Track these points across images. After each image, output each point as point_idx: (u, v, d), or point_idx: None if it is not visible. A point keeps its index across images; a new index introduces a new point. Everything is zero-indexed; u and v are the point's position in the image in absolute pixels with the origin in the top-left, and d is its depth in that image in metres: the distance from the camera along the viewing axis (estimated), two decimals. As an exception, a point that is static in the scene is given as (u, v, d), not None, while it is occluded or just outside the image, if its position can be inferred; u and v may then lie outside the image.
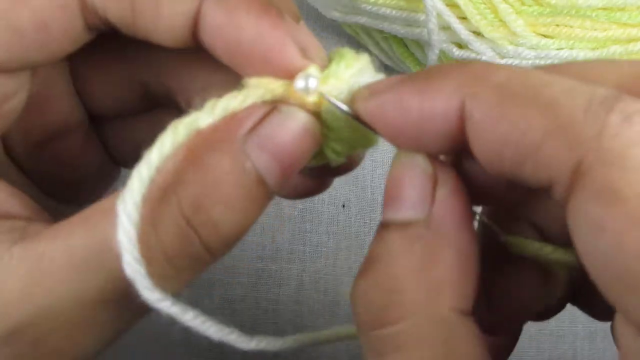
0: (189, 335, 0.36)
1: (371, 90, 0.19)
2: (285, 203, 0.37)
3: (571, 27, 0.33)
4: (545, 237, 0.21)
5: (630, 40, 0.33)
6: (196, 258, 0.18)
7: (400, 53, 0.36)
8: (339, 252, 0.37)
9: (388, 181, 0.19)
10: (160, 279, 0.17)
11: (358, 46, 0.39)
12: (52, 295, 0.18)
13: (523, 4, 0.33)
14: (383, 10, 0.33)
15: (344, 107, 0.19)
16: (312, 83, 0.19)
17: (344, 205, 0.38)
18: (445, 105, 0.17)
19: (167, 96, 0.23)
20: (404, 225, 0.19)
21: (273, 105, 0.19)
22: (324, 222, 0.37)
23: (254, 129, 0.18)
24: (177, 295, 0.19)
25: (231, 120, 0.18)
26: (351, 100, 0.19)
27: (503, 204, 0.22)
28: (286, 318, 0.36)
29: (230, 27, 0.19)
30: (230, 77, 0.20)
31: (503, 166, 0.17)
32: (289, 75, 0.19)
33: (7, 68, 0.20)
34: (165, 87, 0.23)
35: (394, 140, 0.19)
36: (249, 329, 0.37)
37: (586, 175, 0.15)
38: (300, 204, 0.37)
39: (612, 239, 0.14)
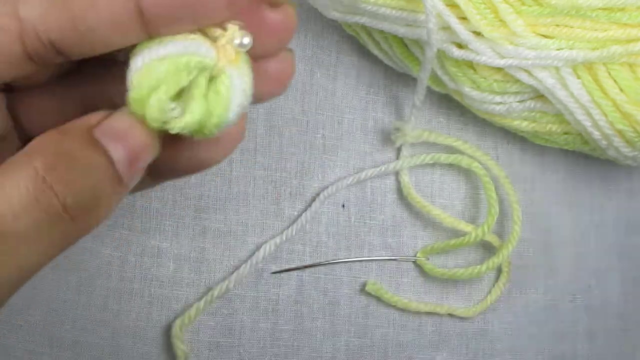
0: (191, 337, 0.36)
1: None
2: (285, 203, 0.37)
3: (571, 27, 0.33)
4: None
5: (630, 40, 0.33)
6: (54, 215, 0.20)
7: (400, 53, 0.36)
8: (339, 252, 0.37)
9: None
10: (19, 240, 0.20)
11: (358, 46, 0.39)
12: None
13: (523, 4, 0.33)
14: (383, 10, 0.33)
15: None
16: (246, 41, 0.21)
17: (343, 205, 0.38)
18: None
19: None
20: None
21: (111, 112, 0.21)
22: (323, 222, 0.37)
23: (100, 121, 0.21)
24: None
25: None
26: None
27: None
28: (286, 318, 0.36)
29: None
30: None
31: None
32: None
33: None
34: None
35: None
36: (249, 329, 0.37)
37: None
38: (300, 204, 0.37)
39: None
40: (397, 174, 0.39)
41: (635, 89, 0.33)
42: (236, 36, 0.21)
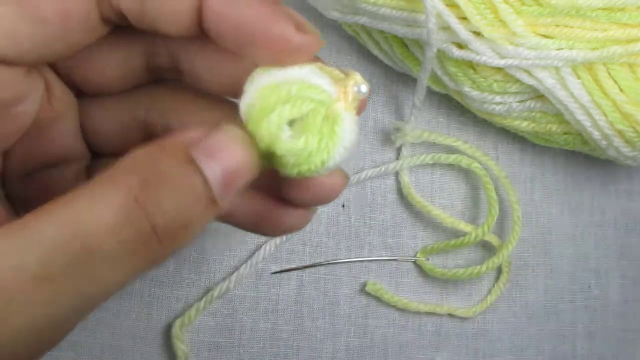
0: (191, 337, 0.36)
1: None
2: (285, 203, 0.37)
3: (571, 27, 0.33)
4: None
5: (630, 40, 0.33)
6: (143, 235, 0.19)
7: (400, 53, 0.36)
8: (339, 252, 0.37)
9: None
10: (105, 259, 0.18)
11: (358, 46, 0.39)
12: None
13: (523, 4, 0.33)
14: (383, 10, 0.33)
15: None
16: (364, 89, 0.21)
17: (343, 205, 0.38)
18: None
19: (171, 69, 0.25)
20: None
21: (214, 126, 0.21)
22: (323, 222, 0.37)
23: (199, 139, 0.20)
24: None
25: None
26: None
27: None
28: (286, 318, 0.36)
29: (231, 11, 0.21)
30: (237, 61, 0.24)
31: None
32: (287, 50, 0.21)
33: (29, 60, 0.21)
34: (171, 59, 0.25)
35: None
36: (249, 329, 0.37)
37: None
38: (300, 204, 0.37)
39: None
40: (397, 174, 0.39)
41: (635, 89, 0.33)
42: (358, 81, 0.21)
